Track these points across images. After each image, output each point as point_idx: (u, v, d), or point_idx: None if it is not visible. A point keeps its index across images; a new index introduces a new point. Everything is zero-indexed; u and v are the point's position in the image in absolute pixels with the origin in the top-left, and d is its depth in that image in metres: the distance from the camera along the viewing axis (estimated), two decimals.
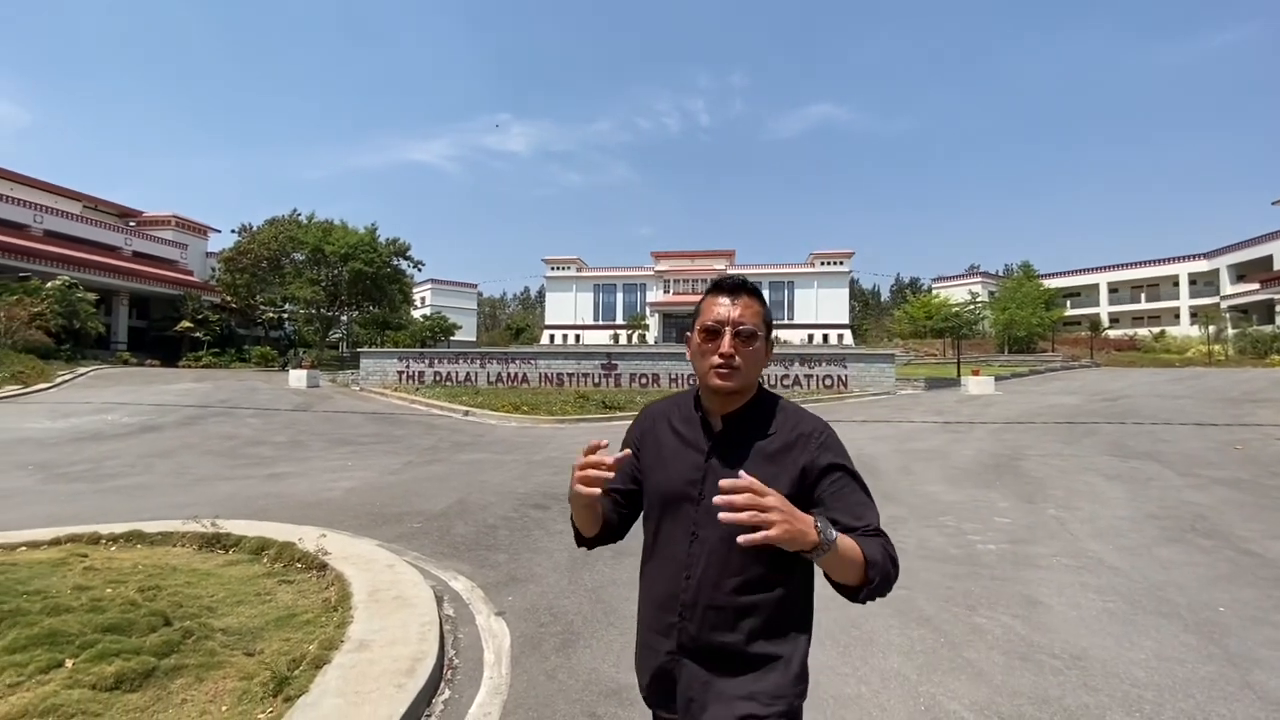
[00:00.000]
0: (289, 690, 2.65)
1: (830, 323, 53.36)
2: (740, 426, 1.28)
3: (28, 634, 2.76)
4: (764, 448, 1.24)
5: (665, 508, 1.30)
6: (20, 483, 7.69)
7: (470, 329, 64.94)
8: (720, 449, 1.27)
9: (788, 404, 1.32)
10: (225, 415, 14.82)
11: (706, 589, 1.22)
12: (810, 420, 1.29)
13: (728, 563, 1.21)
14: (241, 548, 4.68)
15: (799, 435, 1.25)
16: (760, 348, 1.28)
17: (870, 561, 1.12)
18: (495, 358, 23.99)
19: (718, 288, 1.31)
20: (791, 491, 1.18)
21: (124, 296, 36.22)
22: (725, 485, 1.04)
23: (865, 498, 1.23)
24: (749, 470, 1.16)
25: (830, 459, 1.23)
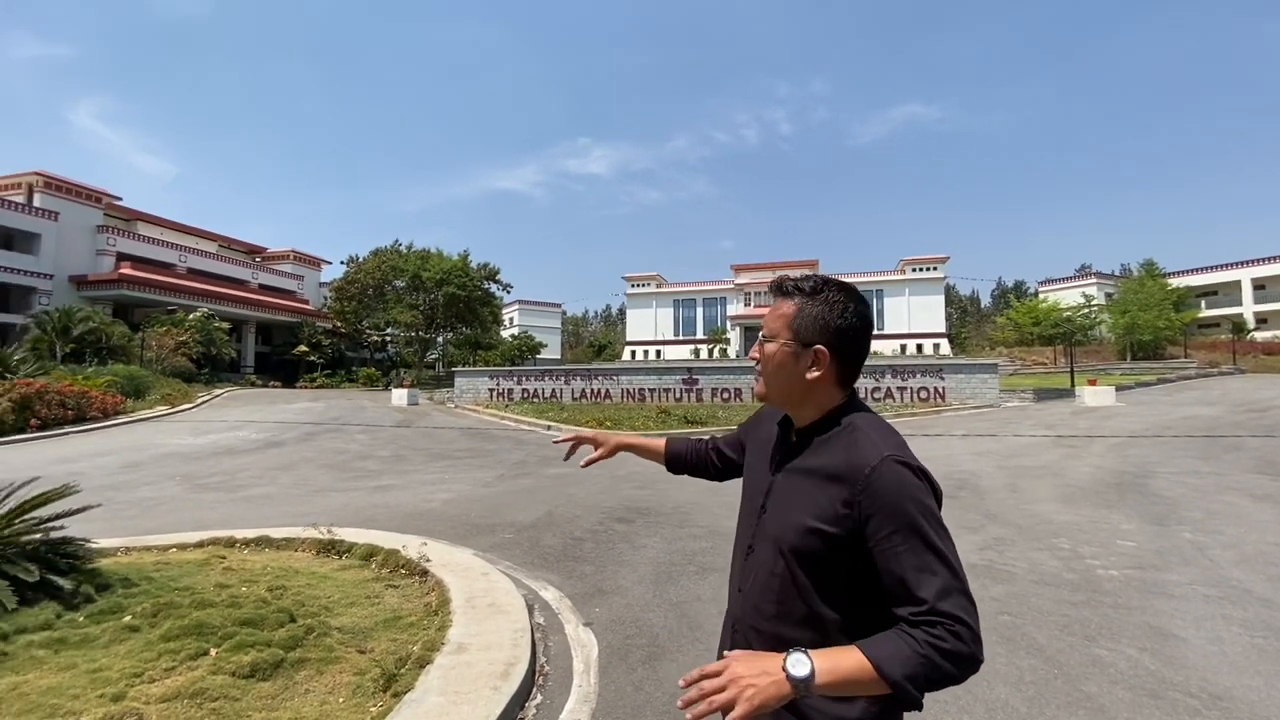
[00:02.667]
0: (396, 686, 2.85)
1: (924, 332, 50.72)
2: (806, 444, 1.16)
3: (180, 624, 3.13)
4: (815, 471, 1.11)
5: (742, 512, 1.30)
6: (170, 492, 8.69)
7: (555, 347, 66.95)
8: (784, 465, 1.19)
9: (862, 424, 1.11)
10: (337, 431, 16.06)
11: (749, 610, 1.16)
12: (867, 448, 1.05)
13: (768, 588, 1.13)
14: (353, 553, 5.06)
15: (850, 465, 1.04)
16: (776, 351, 1.15)
17: (889, 680, 0.90)
18: (579, 374, 24.59)
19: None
20: (832, 530, 1.04)
21: (252, 325, 40.23)
22: (683, 684, 0.95)
23: (929, 559, 0.96)
24: (799, 493, 1.12)
25: (881, 504, 0.99)
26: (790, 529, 1.10)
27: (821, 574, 1.07)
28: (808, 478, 1.12)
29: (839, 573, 1.06)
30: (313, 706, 2.66)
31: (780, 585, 1.11)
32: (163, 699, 2.54)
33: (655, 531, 6.21)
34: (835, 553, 1.05)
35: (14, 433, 14.51)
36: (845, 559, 1.05)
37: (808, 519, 1.07)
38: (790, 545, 1.09)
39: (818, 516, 1.06)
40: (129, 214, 38.83)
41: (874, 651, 0.92)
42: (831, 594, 1.07)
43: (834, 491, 1.05)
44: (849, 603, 1.07)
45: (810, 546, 1.06)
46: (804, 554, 1.08)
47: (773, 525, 1.15)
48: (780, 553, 1.11)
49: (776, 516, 1.15)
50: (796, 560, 1.09)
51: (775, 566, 1.12)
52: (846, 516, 1.02)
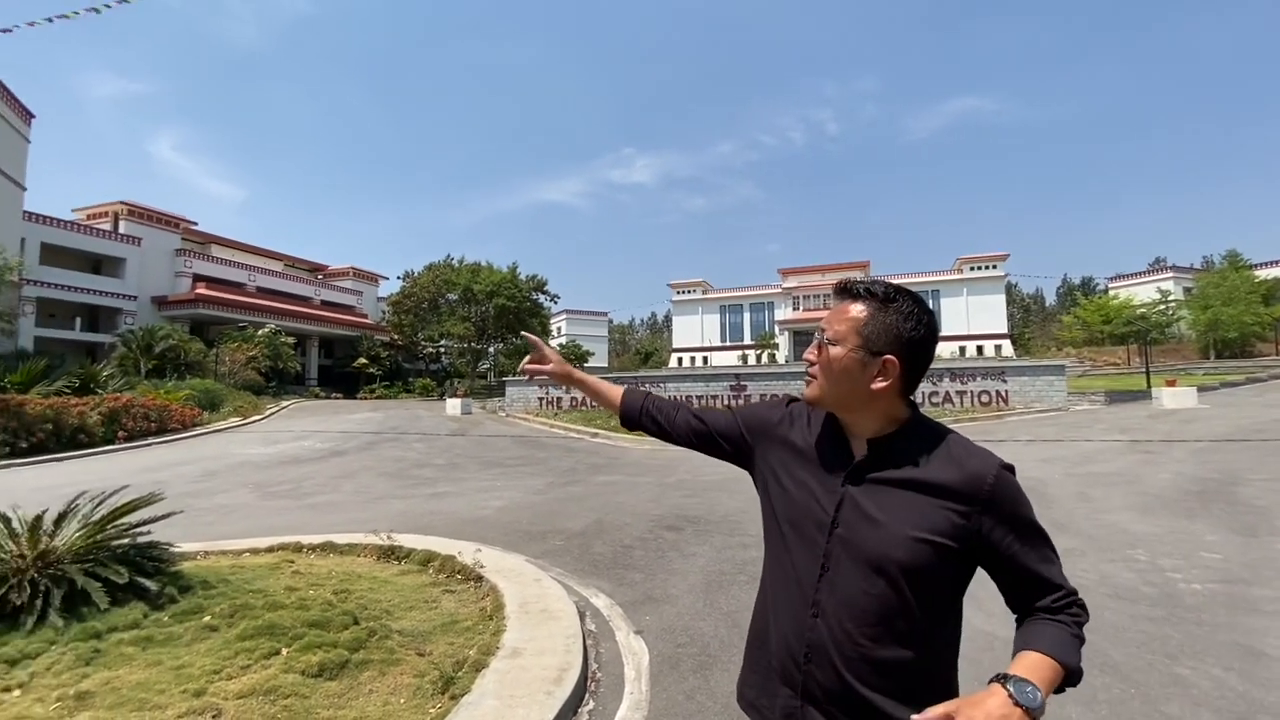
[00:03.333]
0: (454, 689, 2.93)
1: (985, 333, 48.73)
2: (889, 455, 1.11)
3: (254, 625, 3.32)
4: (917, 482, 1.08)
5: (791, 524, 1.18)
6: (243, 499, 9.19)
7: (602, 355, 67.56)
8: (862, 477, 1.12)
9: (954, 435, 1.14)
10: (395, 441, 16.64)
11: (839, 635, 1.08)
12: (981, 457, 1.08)
13: (865, 609, 1.07)
14: (412, 559, 5.23)
15: (966, 475, 1.05)
16: (840, 357, 1.11)
17: (1070, 670, 0.99)
18: (626, 382, 24.69)
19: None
20: (948, 541, 1.04)
21: (315, 339, 42.17)
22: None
23: (1049, 551, 1.07)
24: (897, 506, 1.07)
25: (1007, 508, 1.05)
26: (896, 544, 1.05)
27: (930, 587, 1.06)
28: (907, 489, 1.08)
29: (943, 584, 1.08)
30: (376, 706, 2.77)
31: (880, 605, 1.06)
32: (239, 695, 2.69)
33: (705, 540, 6.18)
34: (946, 564, 1.05)
35: (104, 444, 15.64)
36: (954, 569, 1.07)
37: (919, 531, 1.04)
38: (898, 561, 1.05)
39: (930, 529, 1.04)
40: (204, 237, 41.43)
41: (1051, 648, 0.99)
42: (934, 608, 1.07)
43: (945, 502, 1.05)
44: (945, 614, 1.09)
45: (922, 560, 1.04)
46: (913, 568, 1.04)
47: (865, 541, 1.08)
48: (880, 570, 1.06)
49: (868, 532, 1.08)
50: (904, 576, 1.05)
51: (871, 586, 1.06)
52: (963, 526, 1.04)
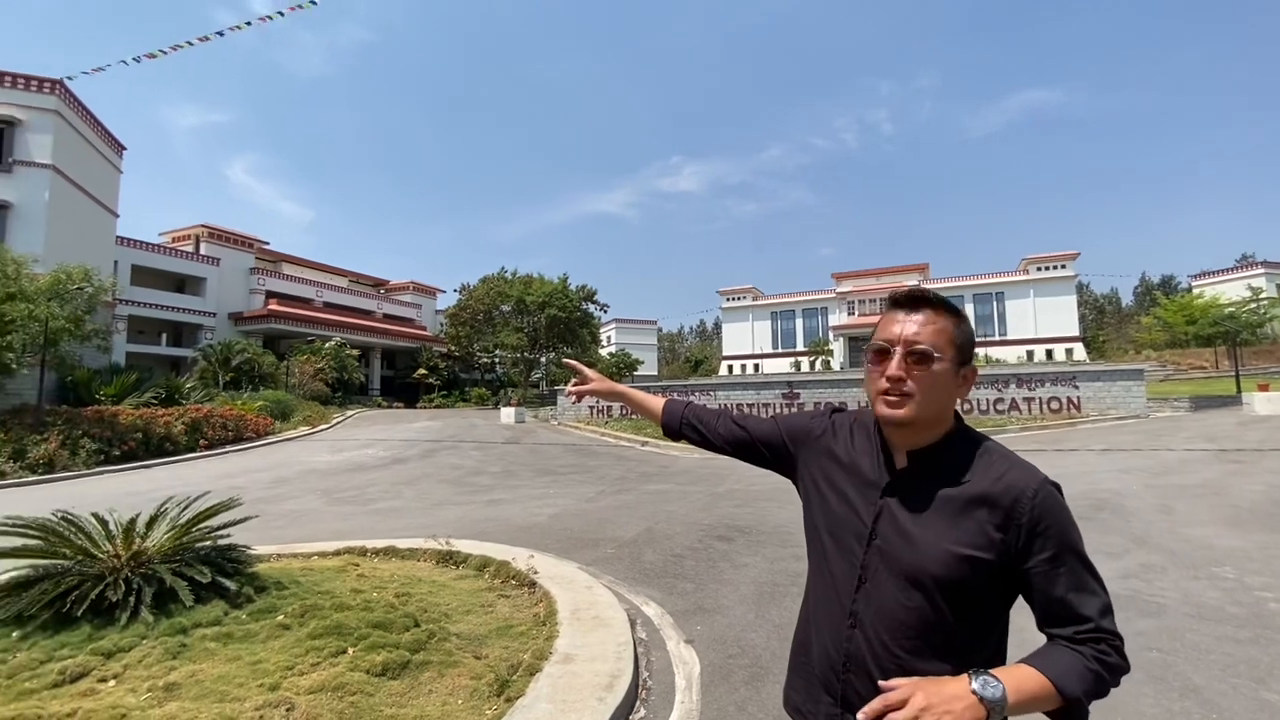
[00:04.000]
0: (509, 692, 3.00)
1: (1054, 336, 46.30)
2: (929, 467, 1.10)
3: (323, 624, 3.49)
4: (955, 496, 1.06)
5: (830, 534, 1.18)
6: (312, 504, 9.66)
7: (652, 364, 67.66)
8: (900, 489, 1.11)
9: (995, 446, 1.11)
10: (453, 449, 17.14)
11: (876, 646, 1.07)
12: (1023, 471, 1.05)
13: (902, 622, 1.05)
14: (468, 564, 5.38)
15: (1006, 489, 1.03)
16: (943, 372, 1.07)
17: (1070, 698, 0.94)
18: (676, 390, 24.70)
19: (894, 302, 1.15)
20: (985, 556, 1.01)
21: (377, 351, 43.91)
22: (863, 717, 0.94)
23: (1088, 579, 1.01)
24: (934, 519, 1.06)
25: (1046, 527, 1.00)
26: (932, 558, 1.04)
27: (966, 602, 1.04)
28: (945, 503, 1.06)
29: (982, 599, 1.05)
30: (435, 706, 2.87)
31: (917, 618, 1.04)
32: (310, 691, 2.84)
33: (756, 551, 6.11)
34: (983, 579, 1.03)
35: (186, 451, 16.73)
36: (991, 584, 1.04)
37: (955, 546, 1.03)
38: (934, 575, 1.03)
39: (967, 543, 1.02)
40: (275, 256, 43.89)
41: (1052, 670, 0.96)
42: (974, 621, 1.05)
43: (984, 516, 1.03)
44: (987, 628, 1.06)
45: (958, 575, 1.02)
46: (949, 583, 1.03)
47: (901, 554, 1.07)
48: (916, 583, 1.05)
49: (904, 545, 1.07)
50: (940, 590, 1.03)
51: (908, 599, 1.05)
52: (1001, 541, 1.01)
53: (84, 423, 15.16)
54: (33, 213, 21.41)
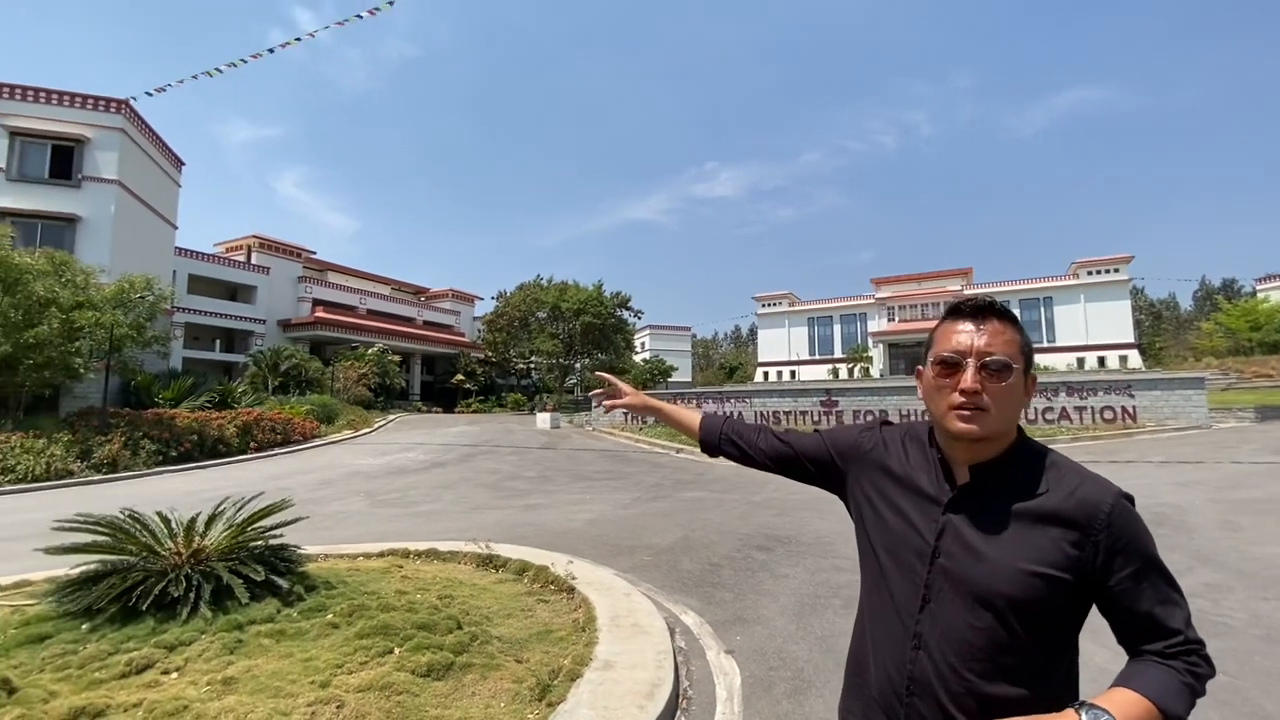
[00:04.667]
0: (550, 697, 3.02)
1: (1106, 343, 44.50)
2: (994, 480, 1.05)
3: (369, 624, 3.57)
4: (1026, 511, 1.01)
5: (888, 552, 1.14)
6: (356, 506, 9.92)
7: (686, 370, 67.46)
8: (965, 504, 1.06)
9: (1062, 459, 1.07)
10: (490, 453, 17.38)
11: (944, 669, 1.02)
12: (1096, 485, 1.01)
13: (971, 643, 1.01)
14: (508, 568, 5.44)
15: (1079, 504, 0.99)
16: (1017, 384, 1.04)
17: (1174, 716, 0.92)
18: (710, 397, 24.56)
19: (957, 311, 1.10)
20: (1062, 574, 0.97)
21: (417, 357, 44.92)
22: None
23: (1170, 591, 0.98)
24: (1004, 536, 1.01)
25: (1126, 543, 0.97)
26: (1004, 577, 0.99)
27: (1039, 621, 1.00)
28: (1014, 519, 1.02)
29: (1056, 618, 1.01)
30: (479, 708, 2.91)
31: (987, 639, 1.00)
32: (359, 689, 2.91)
33: (796, 561, 6.01)
34: (1058, 597, 0.99)
35: (238, 453, 17.38)
36: (1067, 602, 1.00)
37: (1027, 564, 0.99)
38: (1006, 594, 0.99)
39: (1041, 561, 0.98)
40: (322, 265, 45.38)
41: (1152, 691, 0.93)
42: (1047, 642, 1.01)
43: (1057, 533, 0.99)
44: (1060, 648, 1.03)
45: (1033, 593, 0.98)
46: (1023, 602, 0.98)
47: (969, 573, 1.02)
48: (986, 603, 1.00)
49: (973, 563, 1.03)
50: (1013, 610, 0.99)
51: (977, 620, 1.01)
52: (1077, 558, 0.98)
53: (144, 425, 15.91)
54: (99, 225, 22.63)
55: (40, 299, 15.11)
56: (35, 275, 15.28)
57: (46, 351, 15.01)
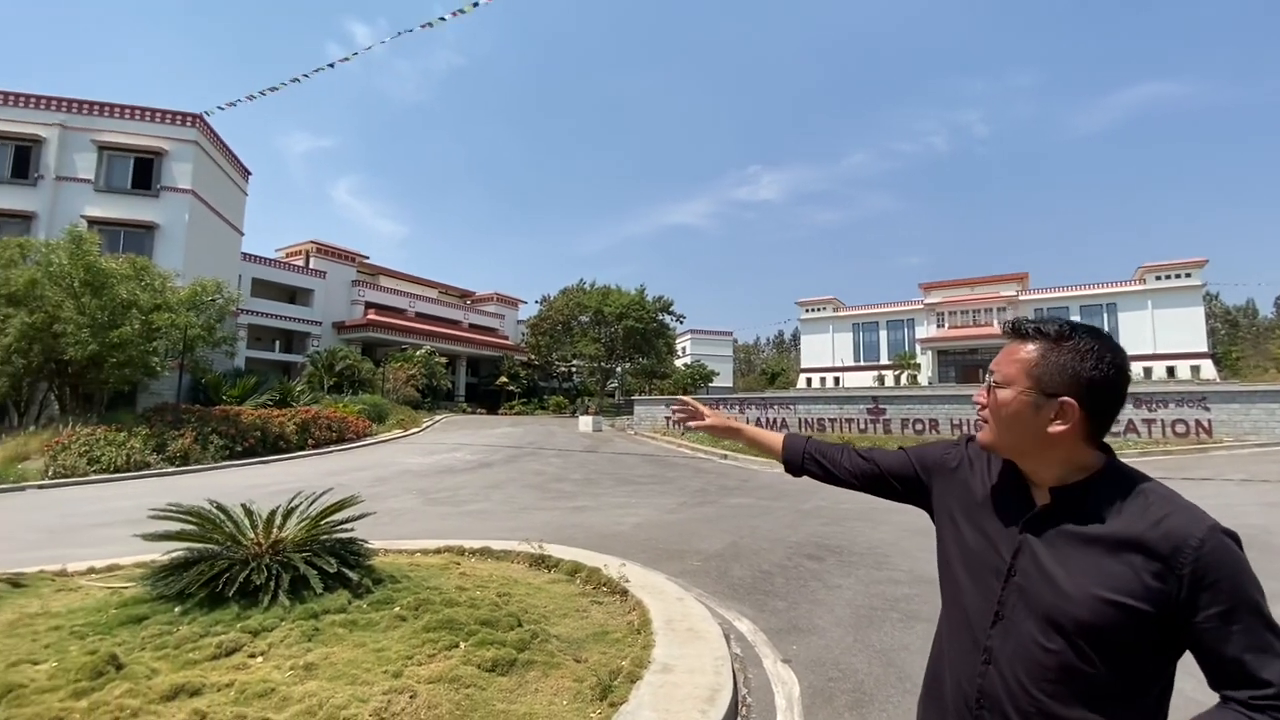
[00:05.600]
0: (612, 697, 3.07)
1: (1177, 352, 42.18)
2: (1075, 504, 1.05)
3: (435, 618, 3.70)
4: (1103, 537, 1.01)
5: (966, 568, 1.16)
6: (410, 504, 10.23)
7: (727, 375, 67.00)
8: (1043, 526, 1.07)
9: (1156, 487, 1.04)
10: (534, 455, 17.66)
11: (1013, 686, 1.03)
12: (1187, 516, 0.98)
13: (1042, 664, 1.01)
14: (560, 569, 5.54)
15: (1165, 535, 0.96)
16: (1009, 400, 1.08)
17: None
18: (753, 403, 24.34)
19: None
20: (1139, 605, 0.95)
21: (463, 359, 45.96)
22: None
23: (1269, 639, 0.92)
24: (1079, 561, 1.01)
25: (1215, 580, 0.93)
26: (1076, 601, 1.00)
27: (1114, 650, 0.98)
28: (1092, 544, 1.02)
29: (1133, 649, 0.99)
30: (543, 704, 2.98)
31: (1058, 662, 1.00)
32: (429, 680, 3.02)
33: (849, 572, 5.92)
34: (1136, 628, 0.97)
35: (296, 449, 18.14)
36: (1145, 634, 0.98)
37: (1102, 590, 0.98)
38: (1077, 619, 0.99)
39: (1116, 589, 0.97)
40: (374, 269, 46.96)
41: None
42: (1126, 671, 0.99)
43: (1138, 562, 0.98)
44: (1144, 680, 1.00)
45: (1105, 621, 0.97)
46: (1095, 629, 0.98)
47: (1042, 595, 1.03)
48: (1056, 626, 1.01)
49: (1045, 586, 1.03)
50: (1083, 635, 0.99)
51: (1049, 641, 1.01)
52: (1160, 590, 0.95)
53: (213, 421, 16.78)
54: (174, 232, 24.01)
55: (123, 301, 16.14)
56: (119, 279, 16.34)
57: (128, 350, 16.01)
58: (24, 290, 15.17)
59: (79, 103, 23.84)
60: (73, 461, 13.49)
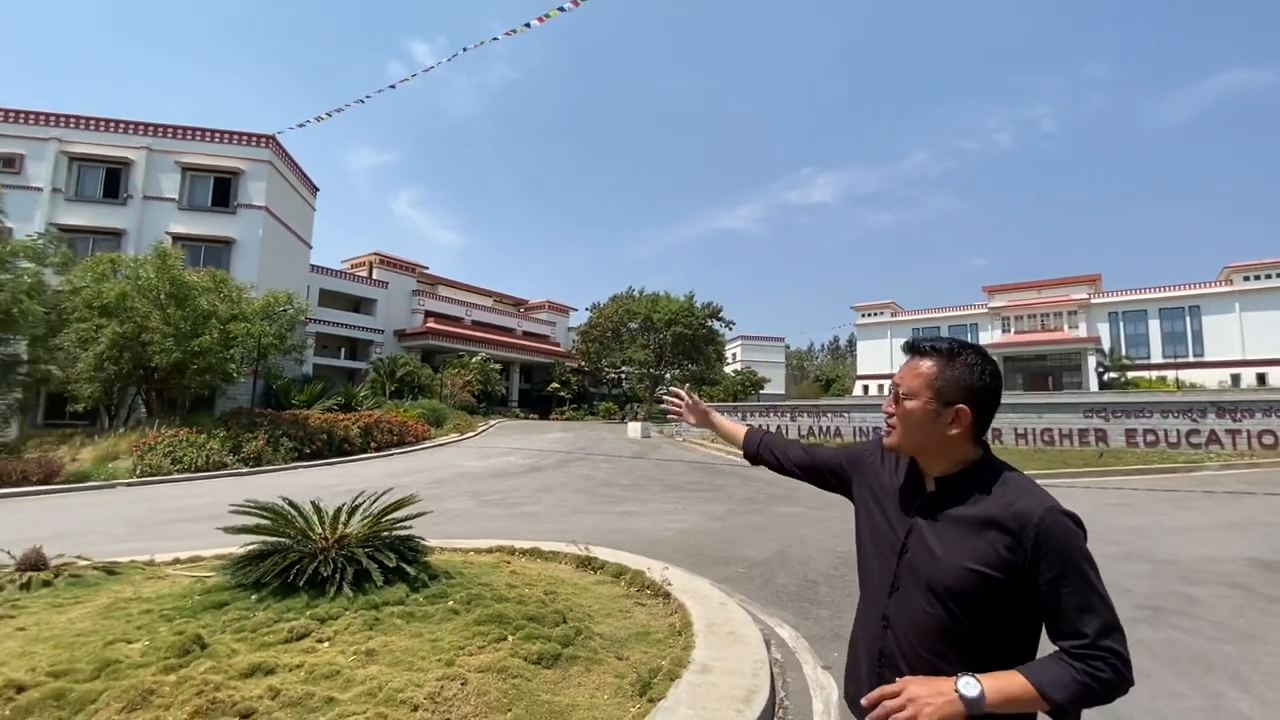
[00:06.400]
0: (651, 693, 3.17)
1: (1267, 358, 39.07)
2: (953, 492, 1.26)
3: (486, 613, 3.89)
4: (971, 518, 1.21)
5: (873, 547, 1.38)
6: (464, 505, 10.61)
7: (779, 382, 65.97)
8: (928, 510, 1.28)
9: (1015, 476, 1.24)
10: (584, 460, 17.94)
11: (905, 645, 1.24)
12: (1033, 499, 1.17)
13: (924, 626, 1.22)
14: (606, 571, 5.68)
15: (1014, 514, 1.15)
16: (915, 409, 1.27)
17: (1053, 703, 1.07)
18: (806, 410, 23.98)
19: (905, 349, 1.39)
20: (995, 573, 1.15)
21: (516, 366, 47.04)
22: (866, 704, 1.14)
23: (1092, 600, 1.10)
24: (952, 538, 1.22)
25: (1050, 551, 1.12)
26: (946, 571, 1.19)
27: (976, 611, 1.18)
28: (961, 524, 1.22)
29: (992, 609, 1.18)
30: (585, 697, 3.11)
31: (935, 622, 1.20)
32: (479, 669, 3.19)
33: None
34: (992, 592, 1.16)
35: (360, 452, 19.02)
36: (1001, 597, 1.16)
37: (967, 562, 1.18)
38: (946, 586, 1.19)
39: (978, 560, 1.17)
40: (433, 279, 48.73)
41: (1037, 677, 1.09)
42: (984, 629, 1.18)
43: (994, 537, 1.17)
44: (999, 635, 1.19)
45: (969, 587, 1.17)
46: (960, 593, 1.18)
47: (924, 567, 1.24)
48: (934, 593, 1.21)
49: (927, 559, 1.23)
50: (952, 599, 1.18)
51: (928, 605, 1.21)
52: (1011, 560, 1.14)
53: (283, 424, 17.81)
54: (249, 247, 25.66)
55: (204, 312, 17.38)
56: (200, 291, 17.61)
57: (208, 358, 17.21)
58: (115, 302, 16.52)
59: (164, 127, 25.83)
60: (157, 461, 14.59)
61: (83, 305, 16.54)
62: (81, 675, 2.96)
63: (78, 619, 3.94)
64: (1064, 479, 13.33)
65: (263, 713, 2.68)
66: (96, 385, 17.11)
